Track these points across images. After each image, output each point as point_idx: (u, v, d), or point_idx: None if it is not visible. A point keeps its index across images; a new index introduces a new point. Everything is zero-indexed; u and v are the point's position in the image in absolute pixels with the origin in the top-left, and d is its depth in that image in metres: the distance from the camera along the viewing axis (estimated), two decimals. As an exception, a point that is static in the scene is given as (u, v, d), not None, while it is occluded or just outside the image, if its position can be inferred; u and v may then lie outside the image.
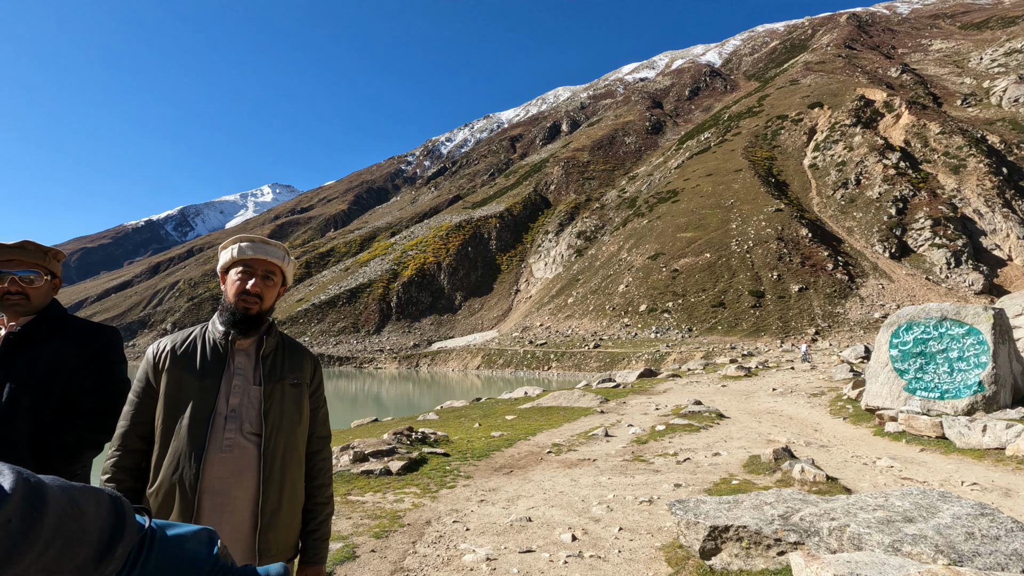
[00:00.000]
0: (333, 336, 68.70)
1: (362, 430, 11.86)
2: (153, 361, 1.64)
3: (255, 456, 1.58)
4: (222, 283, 1.72)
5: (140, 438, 1.61)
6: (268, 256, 1.67)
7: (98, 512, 0.45)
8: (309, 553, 1.70)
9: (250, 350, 1.68)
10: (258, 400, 1.63)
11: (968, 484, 5.55)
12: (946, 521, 3.06)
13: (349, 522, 4.66)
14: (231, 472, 1.55)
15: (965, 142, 60.80)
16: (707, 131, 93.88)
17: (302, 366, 1.75)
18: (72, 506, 0.43)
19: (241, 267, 1.66)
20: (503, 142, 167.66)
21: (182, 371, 1.61)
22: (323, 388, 1.85)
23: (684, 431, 8.94)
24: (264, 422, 1.61)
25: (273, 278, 1.69)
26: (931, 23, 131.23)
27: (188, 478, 1.52)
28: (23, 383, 1.82)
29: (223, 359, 1.64)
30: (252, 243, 1.67)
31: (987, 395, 8.13)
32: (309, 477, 1.74)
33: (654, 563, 3.72)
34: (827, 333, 42.76)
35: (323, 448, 1.79)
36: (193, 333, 1.70)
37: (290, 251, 1.77)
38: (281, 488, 1.61)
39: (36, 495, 0.41)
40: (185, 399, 1.58)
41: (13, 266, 1.86)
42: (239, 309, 1.64)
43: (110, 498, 0.48)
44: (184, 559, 0.53)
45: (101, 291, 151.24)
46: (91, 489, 0.46)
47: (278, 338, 1.75)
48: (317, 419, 1.79)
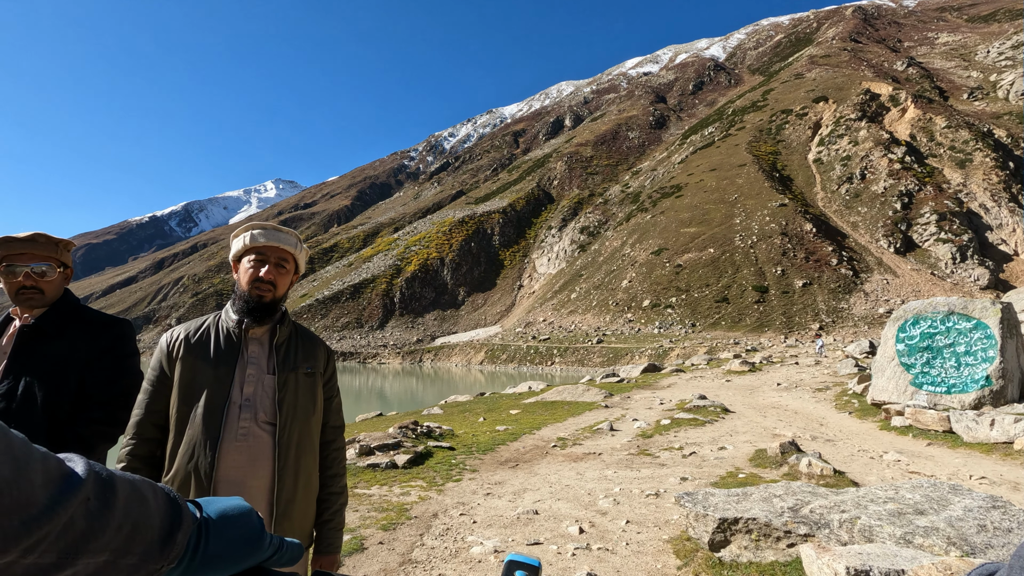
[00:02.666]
0: (337, 331, 68.87)
1: (367, 424, 11.90)
2: (167, 350, 1.63)
3: (270, 445, 1.58)
4: (235, 272, 1.70)
5: (155, 427, 1.60)
6: (281, 243, 1.65)
7: (156, 501, 0.47)
8: (324, 543, 1.69)
9: (263, 339, 1.67)
10: (272, 389, 1.61)
11: (976, 478, 5.52)
12: (958, 513, 3.05)
13: (356, 515, 4.67)
14: (246, 461, 1.55)
15: (971, 136, 60.37)
16: (711, 126, 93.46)
17: (316, 355, 1.74)
18: (137, 493, 0.45)
19: (254, 255, 1.64)
20: (506, 137, 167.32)
21: (196, 359, 1.60)
22: (336, 377, 1.84)
23: (689, 425, 8.93)
24: (279, 411, 1.60)
25: (286, 265, 1.68)
26: (938, 16, 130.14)
27: (203, 467, 1.51)
28: (38, 376, 1.81)
29: (237, 348, 1.63)
30: (264, 230, 1.66)
31: (994, 389, 8.09)
32: (323, 467, 1.73)
33: (662, 555, 3.72)
34: (831, 328, 42.63)
35: (337, 437, 1.78)
36: (207, 322, 1.69)
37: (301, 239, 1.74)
38: (296, 477, 1.60)
39: (107, 480, 0.43)
40: (199, 388, 1.57)
41: (26, 259, 1.85)
42: (253, 297, 1.62)
43: (164, 490, 0.49)
44: (238, 540, 0.55)
45: (106, 287, 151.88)
46: (147, 480, 0.48)
47: (291, 327, 1.73)
48: (331, 408, 1.78)
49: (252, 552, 0.56)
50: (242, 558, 0.55)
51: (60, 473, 0.40)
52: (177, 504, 0.49)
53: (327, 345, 1.81)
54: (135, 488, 0.46)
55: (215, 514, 0.55)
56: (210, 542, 0.52)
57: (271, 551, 0.59)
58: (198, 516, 0.53)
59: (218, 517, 0.55)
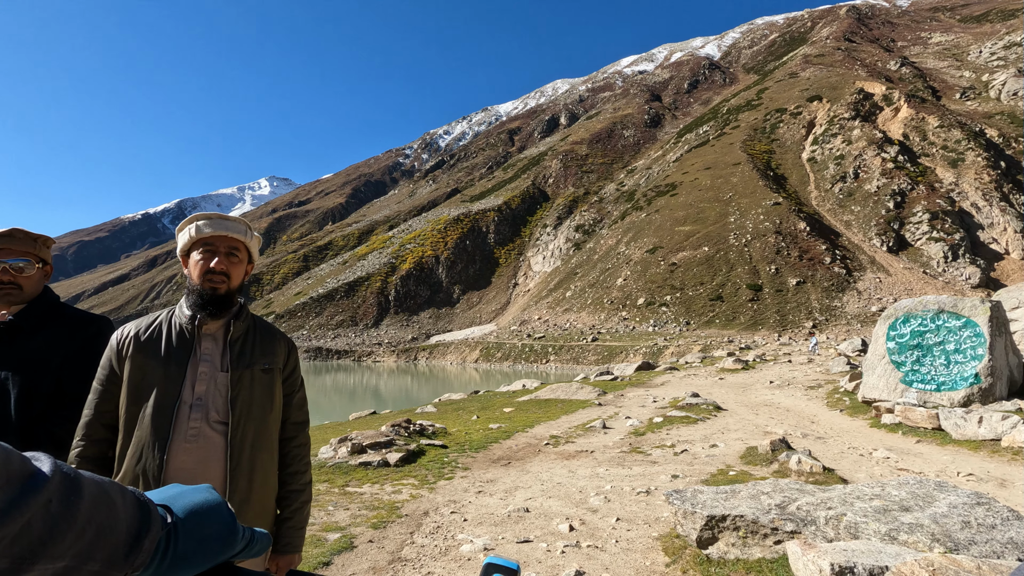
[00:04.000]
0: (331, 329, 68.69)
1: (360, 422, 11.88)
2: (116, 347, 1.58)
3: (222, 446, 1.54)
4: (184, 267, 1.63)
5: (104, 427, 1.56)
6: (229, 232, 1.58)
7: (124, 505, 0.45)
8: (282, 542, 1.65)
9: (218, 335, 1.61)
10: (225, 387, 1.56)
11: (964, 475, 5.57)
12: (942, 510, 3.07)
13: (347, 513, 4.66)
14: (196, 462, 1.51)
15: (964, 136, 60.78)
16: (706, 124, 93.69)
17: (275, 350, 1.68)
18: (103, 495, 0.44)
19: (202, 247, 1.58)
20: (501, 135, 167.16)
21: (146, 358, 1.55)
22: (299, 372, 1.78)
23: (681, 423, 8.97)
24: (231, 410, 1.55)
25: (238, 254, 1.61)
26: (931, 16, 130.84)
27: (151, 469, 1.48)
28: (13, 373, 1.79)
29: (189, 345, 1.57)
30: (210, 220, 1.58)
31: (983, 387, 8.16)
32: (283, 464, 1.69)
33: (651, 552, 3.74)
34: (824, 326, 42.87)
35: (298, 434, 1.73)
36: (159, 318, 1.63)
37: (252, 226, 1.68)
38: (250, 477, 1.56)
39: (73, 481, 0.42)
40: (149, 387, 1.52)
41: (3, 255, 1.83)
42: (206, 290, 1.56)
43: (132, 493, 0.48)
44: (209, 538, 0.53)
45: (98, 284, 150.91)
46: (115, 483, 0.46)
47: (249, 322, 1.67)
48: (292, 404, 1.73)
49: (224, 549, 0.55)
50: (214, 555, 0.53)
51: (22, 473, 0.39)
52: (147, 508, 0.48)
53: (289, 339, 1.76)
54: (103, 491, 0.44)
55: (185, 512, 0.53)
56: (180, 543, 0.50)
57: (243, 544, 0.58)
58: (168, 521, 0.51)
59: (188, 515, 0.53)
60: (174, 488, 0.57)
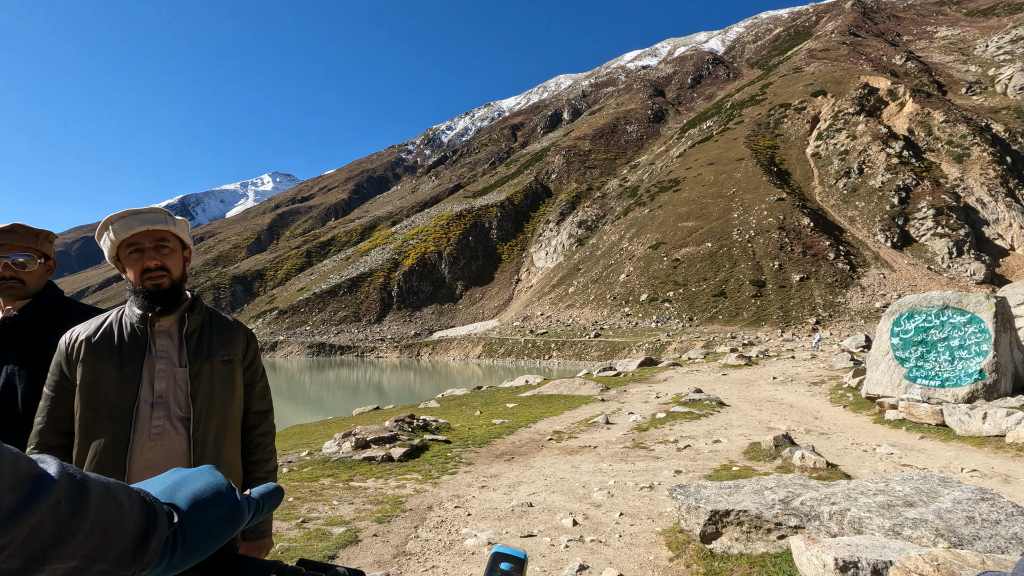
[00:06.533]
0: (334, 325, 68.85)
1: (364, 418, 11.92)
2: (66, 352, 1.54)
3: (187, 440, 1.53)
4: (121, 272, 1.59)
5: (59, 434, 1.53)
6: (148, 225, 1.52)
7: (131, 505, 0.46)
8: (249, 528, 1.67)
9: (172, 330, 1.59)
10: (185, 382, 1.55)
11: (968, 471, 5.57)
12: (947, 506, 3.07)
13: (351, 507, 4.69)
14: (161, 461, 1.50)
15: (969, 131, 60.36)
16: (709, 119, 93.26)
17: (233, 341, 1.67)
18: (110, 496, 0.44)
19: (129, 248, 1.53)
20: (504, 131, 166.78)
21: (98, 361, 1.51)
22: (260, 361, 1.78)
23: (684, 419, 8.97)
24: (192, 404, 1.54)
25: (168, 244, 1.57)
26: (937, 9, 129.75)
27: (113, 474, 1.45)
28: (20, 368, 1.80)
29: (143, 343, 1.54)
30: (123, 219, 1.52)
31: (988, 383, 8.14)
32: (246, 453, 1.68)
33: (655, 547, 3.75)
34: (828, 323, 42.75)
35: (261, 423, 1.73)
36: (108, 318, 1.59)
37: (172, 213, 1.62)
38: None
39: (80, 483, 0.42)
40: (104, 391, 1.49)
41: (5, 250, 1.84)
42: (149, 288, 1.53)
43: (138, 492, 0.48)
44: (216, 523, 0.54)
45: (103, 280, 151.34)
46: (121, 484, 0.47)
47: (204, 314, 1.65)
48: (253, 394, 1.72)
49: (232, 529, 0.55)
50: (223, 538, 0.54)
51: (31, 475, 0.39)
52: (153, 508, 0.48)
53: (247, 329, 1.75)
54: (109, 491, 0.44)
55: (189, 502, 0.53)
56: (187, 537, 0.51)
57: (250, 515, 0.58)
58: (175, 520, 0.51)
59: (192, 506, 0.53)
60: (177, 473, 0.57)
